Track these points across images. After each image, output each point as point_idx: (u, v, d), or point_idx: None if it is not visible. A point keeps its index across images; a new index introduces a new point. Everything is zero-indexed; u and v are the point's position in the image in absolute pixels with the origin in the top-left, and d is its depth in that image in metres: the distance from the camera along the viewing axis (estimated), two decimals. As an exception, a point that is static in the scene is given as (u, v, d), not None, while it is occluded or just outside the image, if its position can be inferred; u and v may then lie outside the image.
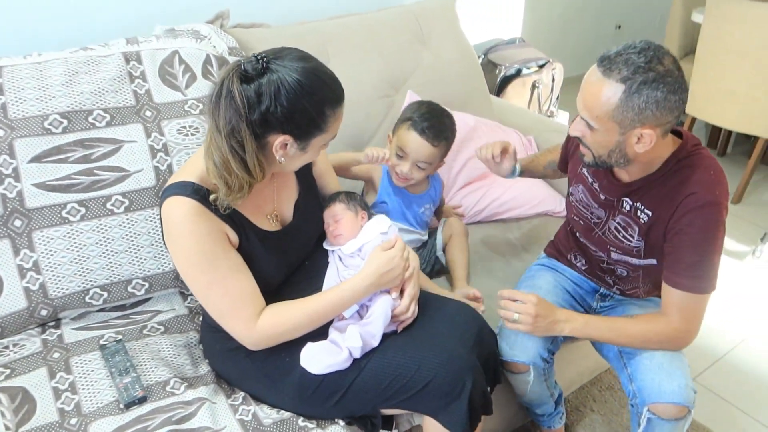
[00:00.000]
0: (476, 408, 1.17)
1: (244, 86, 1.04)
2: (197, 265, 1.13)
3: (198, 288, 1.16)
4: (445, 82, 2.06)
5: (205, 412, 1.19)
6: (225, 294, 1.14)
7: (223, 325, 1.18)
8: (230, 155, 1.06)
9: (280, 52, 1.09)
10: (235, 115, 1.04)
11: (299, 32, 1.88)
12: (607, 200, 1.35)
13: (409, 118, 1.52)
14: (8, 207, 1.34)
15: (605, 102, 1.13)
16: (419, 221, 1.65)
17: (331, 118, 1.13)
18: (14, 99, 1.40)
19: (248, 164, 1.08)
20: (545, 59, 2.81)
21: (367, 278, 1.19)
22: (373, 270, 1.20)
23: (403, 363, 1.17)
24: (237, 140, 1.06)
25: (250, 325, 1.15)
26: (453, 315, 1.28)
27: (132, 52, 1.55)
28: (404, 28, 2.06)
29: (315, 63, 1.11)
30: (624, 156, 1.20)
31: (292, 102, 1.06)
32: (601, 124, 1.16)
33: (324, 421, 1.23)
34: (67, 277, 1.37)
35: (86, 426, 1.15)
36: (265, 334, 1.16)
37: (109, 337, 1.36)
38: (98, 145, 1.43)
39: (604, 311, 1.54)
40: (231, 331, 1.18)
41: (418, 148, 1.50)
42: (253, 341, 1.17)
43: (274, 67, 1.06)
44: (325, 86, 1.10)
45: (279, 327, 1.17)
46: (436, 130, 1.50)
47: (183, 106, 1.54)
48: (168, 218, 1.13)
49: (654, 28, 4.74)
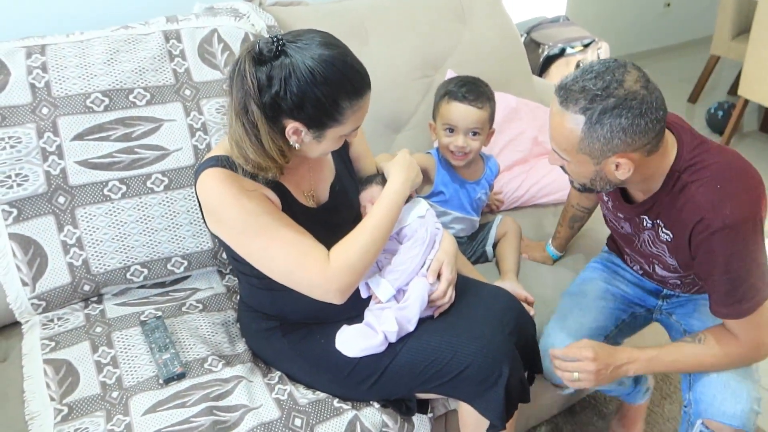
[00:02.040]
0: (513, 396, 1.15)
1: (257, 68, 1.02)
2: (247, 229, 1.10)
3: (257, 253, 1.12)
4: (486, 61, 2.01)
5: (242, 390, 1.20)
6: (286, 246, 1.10)
7: (296, 283, 1.12)
8: (244, 135, 1.05)
9: (302, 36, 1.05)
10: (246, 96, 1.02)
11: (336, 10, 1.86)
12: (628, 217, 1.27)
13: (445, 92, 1.51)
14: (52, 184, 1.37)
15: (569, 135, 1.05)
16: (475, 207, 1.63)
17: (348, 111, 1.07)
18: (57, 77, 1.41)
19: (264, 146, 1.06)
20: (590, 38, 2.71)
21: (398, 176, 1.21)
22: (397, 169, 1.23)
23: (439, 348, 1.15)
24: (250, 121, 1.04)
25: (324, 267, 1.09)
26: (491, 301, 1.26)
27: (172, 31, 1.55)
28: (443, 5, 2.01)
29: (337, 51, 1.04)
30: (609, 183, 1.12)
31: (303, 90, 1.02)
32: (572, 156, 1.09)
33: (359, 402, 1.23)
34: (108, 254, 1.39)
35: (127, 399, 1.18)
36: (340, 268, 1.10)
37: (149, 314, 1.38)
38: (139, 123, 1.44)
39: (670, 309, 1.42)
40: (308, 286, 1.12)
41: (465, 116, 1.47)
42: (332, 283, 1.10)
43: (289, 51, 1.02)
44: (343, 77, 1.04)
45: (351, 254, 1.11)
46: (475, 92, 1.48)
47: (222, 85, 1.54)
48: (204, 192, 1.12)
49: (705, 6, 4.54)
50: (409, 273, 1.22)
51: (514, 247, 1.63)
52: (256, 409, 1.17)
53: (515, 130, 1.91)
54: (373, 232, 1.15)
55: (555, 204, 1.89)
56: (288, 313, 1.24)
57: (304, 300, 1.15)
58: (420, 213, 1.28)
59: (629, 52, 4.38)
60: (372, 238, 1.14)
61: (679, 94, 3.92)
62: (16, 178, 1.35)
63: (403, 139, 1.87)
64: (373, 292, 1.21)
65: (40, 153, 1.37)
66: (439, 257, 1.24)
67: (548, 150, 1.94)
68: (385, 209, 1.18)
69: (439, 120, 1.51)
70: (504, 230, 1.66)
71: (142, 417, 1.14)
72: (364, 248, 1.13)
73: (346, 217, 1.32)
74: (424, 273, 1.23)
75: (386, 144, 1.83)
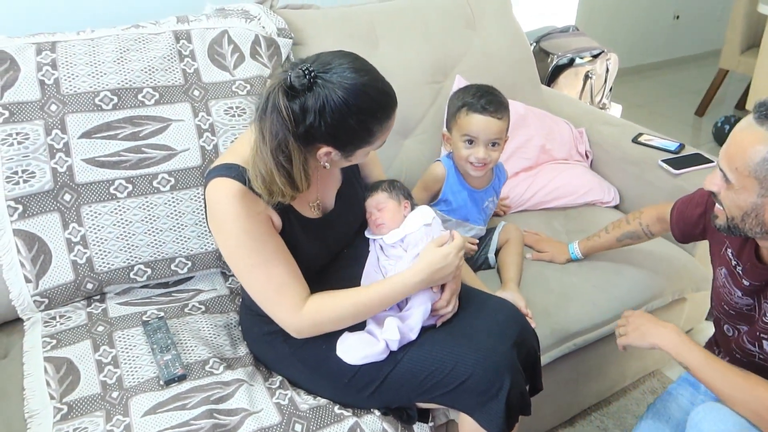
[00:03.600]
0: (514, 408, 1.14)
1: (290, 101, 1.02)
2: (242, 248, 1.12)
3: (242, 271, 1.15)
4: (495, 69, 2.01)
5: (243, 393, 1.20)
6: (270, 278, 1.13)
7: (267, 310, 1.16)
8: (275, 168, 1.04)
9: (331, 63, 1.05)
10: (283, 129, 1.02)
11: (347, 14, 1.86)
12: (753, 286, 1.16)
13: (462, 104, 1.48)
14: (58, 181, 1.37)
15: (751, 154, 0.98)
16: (483, 216, 1.62)
17: (378, 133, 1.11)
18: (67, 75, 1.41)
19: (294, 177, 1.06)
20: (600, 49, 2.71)
21: (419, 273, 1.15)
22: (425, 265, 1.15)
23: (441, 358, 1.15)
24: (284, 154, 1.04)
25: (295, 311, 1.13)
26: (494, 312, 1.25)
27: (182, 31, 1.55)
28: (454, 11, 2.01)
29: (366, 78, 1.06)
30: (761, 224, 1.03)
31: (336, 119, 1.03)
32: (740, 179, 1.01)
33: (360, 409, 1.22)
34: (113, 253, 1.39)
35: (127, 400, 1.17)
36: (310, 321, 1.14)
37: (151, 314, 1.37)
38: (147, 122, 1.44)
39: None
40: (275, 317, 1.16)
41: (486, 127, 1.46)
42: (297, 328, 1.15)
43: (321, 83, 1.02)
44: (374, 104, 1.06)
45: (324, 315, 1.14)
46: (495, 103, 1.47)
47: (231, 87, 1.54)
48: (213, 199, 1.12)
49: (715, 19, 4.54)
50: None
51: (517, 254, 1.61)
52: (257, 414, 1.16)
53: (523, 137, 1.91)
54: (359, 306, 1.15)
55: (564, 208, 1.89)
56: None
57: None
58: (426, 221, 1.28)
59: (638, 64, 4.38)
60: (355, 311, 1.15)
61: (687, 106, 3.91)
62: (23, 175, 1.35)
63: (412, 144, 1.86)
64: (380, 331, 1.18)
65: (48, 150, 1.37)
66: None
67: (554, 158, 1.98)
68: (385, 293, 1.15)
69: (456, 131, 1.50)
70: (506, 237, 1.65)
71: (142, 418, 1.13)
72: (341, 317, 1.15)
73: (352, 223, 1.32)
74: None
75: (395, 149, 1.82)
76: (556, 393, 1.60)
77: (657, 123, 3.63)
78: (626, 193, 1.95)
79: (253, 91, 1.55)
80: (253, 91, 1.55)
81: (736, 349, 1.26)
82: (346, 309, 1.15)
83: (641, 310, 1.22)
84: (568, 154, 1.99)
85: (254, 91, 1.55)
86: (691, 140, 3.50)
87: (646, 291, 1.63)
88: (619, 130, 2.04)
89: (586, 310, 1.54)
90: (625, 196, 1.95)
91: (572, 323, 1.52)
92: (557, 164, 1.96)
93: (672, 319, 1.81)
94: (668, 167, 1.80)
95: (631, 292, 1.61)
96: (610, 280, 1.62)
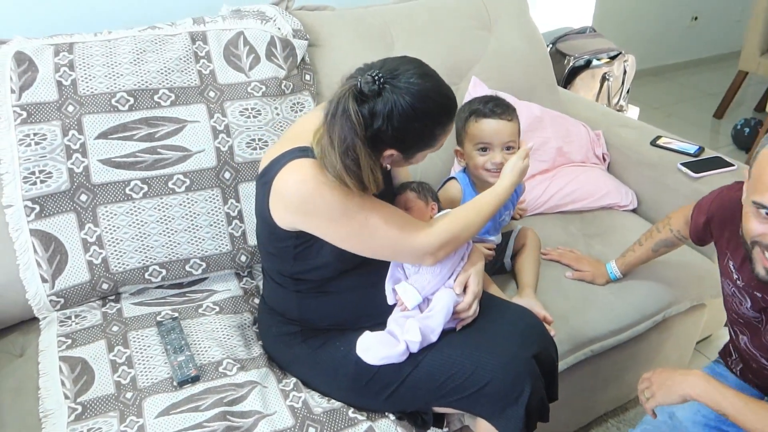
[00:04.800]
0: (533, 414, 1.13)
1: (359, 106, 1.04)
2: (347, 211, 1.10)
3: (355, 232, 1.13)
4: (511, 71, 1.99)
5: (256, 395, 1.19)
6: (389, 218, 1.14)
7: (403, 251, 1.17)
8: (344, 171, 1.05)
9: (398, 69, 1.07)
10: (351, 133, 1.03)
11: (363, 15, 1.85)
12: (756, 301, 1.14)
13: (470, 113, 1.47)
14: (75, 181, 1.37)
15: None
16: (497, 227, 1.60)
17: (440, 136, 1.14)
18: (84, 76, 1.42)
19: (363, 180, 1.07)
20: (617, 50, 2.68)
21: (507, 180, 1.26)
22: (509, 172, 1.27)
23: (461, 362, 1.14)
24: (352, 158, 1.04)
25: (427, 231, 1.16)
26: (515, 319, 1.24)
27: (198, 32, 1.55)
28: (470, 13, 1.99)
29: (431, 83, 1.09)
30: None
31: (404, 124, 1.06)
32: None
33: (374, 413, 1.22)
34: (128, 253, 1.39)
35: (140, 401, 1.17)
36: (447, 233, 1.17)
37: (165, 314, 1.38)
38: (162, 124, 1.44)
39: None
40: (413, 251, 1.16)
41: (498, 130, 1.44)
42: (438, 244, 1.16)
43: (389, 88, 1.05)
44: (438, 108, 1.10)
45: (459, 224, 1.19)
46: (502, 106, 1.46)
47: (246, 88, 1.53)
48: (297, 179, 1.10)
49: (734, 20, 4.48)
50: (436, 283, 1.20)
51: (534, 258, 1.59)
52: (270, 416, 1.16)
53: (539, 140, 1.89)
54: (478, 212, 1.22)
55: (580, 211, 1.87)
56: (313, 319, 1.24)
57: (331, 305, 1.15)
58: None
59: (655, 65, 4.34)
60: (476, 217, 1.21)
61: (705, 109, 3.86)
62: (40, 175, 1.35)
63: (426, 147, 1.85)
64: (400, 297, 1.20)
65: (65, 150, 1.38)
66: (467, 269, 1.23)
67: (571, 160, 1.95)
68: (489, 199, 1.24)
69: (469, 142, 1.48)
70: (522, 241, 1.63)
71: (155, 419, 1.13)
72: (467, 220, 1.20)
73: None
74: (451, 284, 1.21)
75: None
76: (572, 399, 1.58)
77: (674, 125, 3.59)
78: (644, 196, 1.92)
79: (268, 93, 1.55)
80: (269, 92, 1.55)
81: (751, 358, 1.23)
82: (469, 215, 1.21)
83: (659, 369, 1.16)
84: (585, 156, 1.97)
85: (269, 92, 1.55)
86: (710, 143, 3.45)
87: (664, 297, 1.61)
88: (638, 133, 2.01)
89: (604, 316, 1.52)
90: (643, 199, 1.92)
91: (589, 329, 1.50)
92: (574, 167, 1.93)
93: (691, 326, 1.78)
94: (687, 170, 1.78)
95: (649, 298, 1.59)
96: (628, 285, 1.59)
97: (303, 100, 1.62)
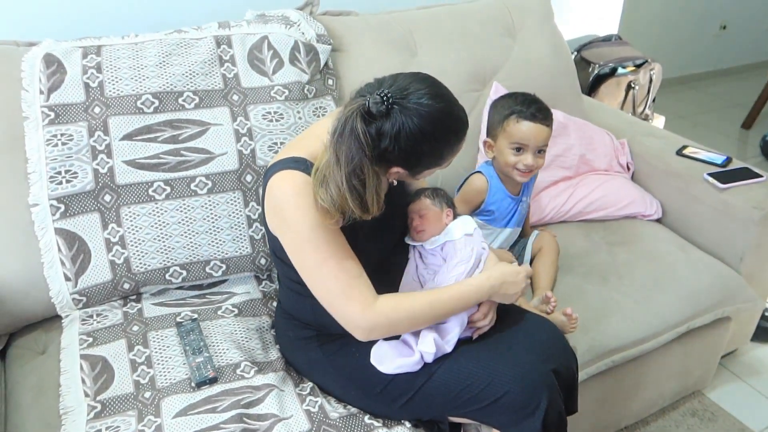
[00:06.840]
0: (550, 428, 1.10)
1: (367, 126, 1.02)
2: (311, 242, 1.08)
3: (309, 267, 1.11)
4: (535, 78, 1.97)
5: (273, 399, 1.19)
6: (341, 272, 1.09)
7: (336, 308, 1.11)
8: (348, 192, 1.03)
9: (408, 88, 1.04)
10: (359, 153, 1.02)
11: (387, 21, 1.85)
12: None
13: (511, 111, 1.47)
14: (99, 182, 1.39)
15: None
16: (521, 217, 1.61)
17: (448, 156, 1.12)
18: (111, 78, 1.44)
19: (366, 201, 1.05)
20: (643, 58, 2.65)
21: (492, 279, 1.15)
22: (499, 274, 1.16)
23: (476, 373, 1.12)
24: (359, 178, 1.03)
25: (367, 306, 1.08)
26: (533, 330, 1.22)
27: (223, 36, 1.56)
28: (494, 19, 1.98)
29: (441, 105, 1.05)
30: None
31: (411, 145, 1.04)
32: None
33: (390, 420, 1.20)
34: (150, 254, 1.41)
35: (159, 401, 1.18)
36: (385, 318, 1.09)
37: (185, 315, 1.38)
38: (186, 126, 1.46)
39: None
40: (344, 316, 1.10)
41: (537, 135, 1.46)
42: (369, 325, 1.09)
43: (397, 108, 1.03)
44: (447, 130, 1.07)
45: (401, 314, 1.10)
46: (544, 111, 1.48)
47: (269, 92, 1.54)
48: (281, 191, 1.10)
49: (763, 29, 4.40)
50: None
51: (551, 263, 1.59)
52: (287, 420, 1.16)
53: (562, 146, 1.87)
54: (434, 305, 1.12)
55: (603, 220, 1.85)
56: (327, 324, 1.23)
57: None
58: (467, 231, 1.26)
59: (682, 74, 4.27)
60: (430, 310, 1.12)
61: (733, 119, 3.79)
62: (66, 175, 1.37)
63: (447, 153, 1.84)
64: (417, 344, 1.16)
65: (90, 151, 1.40)
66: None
67: (595, 168, 1.92)
68: (459, 294, 1.14)
69: (504, 139, 1.48)
70: (539, 245, 1.62)
71: (173, 419, 1.14)
72: (416, 315, 1.11)
73: (396, 229, 1.31)
74: None
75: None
76: (592, 410, 1.55)
77: (701, 135, 3.53)
78: (670, 206, 1.89)
79: (290, 97, 1.56)
80: (291, 96, 1.56)
81: None
82: (423, 308, 1.11)
83: None
84: (609, 165, 1.95)
85: (292, 96, 1.56)
86: (737, 154, 3.38)
87: (687, 308, 1.57)
88: (663, 142, 1.98)
89: (626, 326, 1.50)
90: (669, 209, 1.89)
91: (611, 339, 1.47)
92: (598, 175, 1.91)
93: (715, 339, 1.74)
94: (714, 181, 1.74)
95: (672, 309, 1.56)
96: (651, 296, 1.56)
97: (325, 104, 1.62)
